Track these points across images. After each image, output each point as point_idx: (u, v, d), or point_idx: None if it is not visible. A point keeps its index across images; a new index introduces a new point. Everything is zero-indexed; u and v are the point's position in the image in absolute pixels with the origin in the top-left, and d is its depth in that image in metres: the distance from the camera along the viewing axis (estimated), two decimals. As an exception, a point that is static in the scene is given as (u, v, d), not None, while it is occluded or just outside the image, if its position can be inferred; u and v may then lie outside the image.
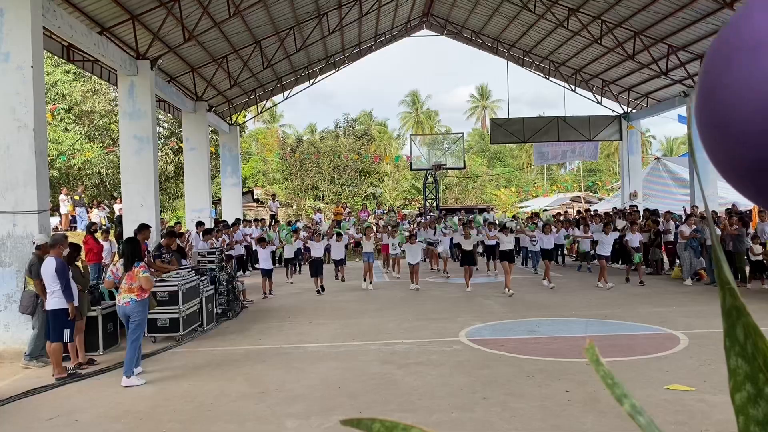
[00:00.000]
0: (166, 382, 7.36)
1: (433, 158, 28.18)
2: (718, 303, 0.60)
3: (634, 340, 8.91)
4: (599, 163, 50.98)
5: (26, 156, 9.08)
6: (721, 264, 0.58)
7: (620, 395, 0.64)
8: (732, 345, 0.57)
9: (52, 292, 7.65)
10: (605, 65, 22.61)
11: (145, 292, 7.58)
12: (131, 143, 14.01)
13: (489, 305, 12.03)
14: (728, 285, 0.57)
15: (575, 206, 34.58)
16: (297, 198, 38.84)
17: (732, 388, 0.58)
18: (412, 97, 59.47)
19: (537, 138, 26.20)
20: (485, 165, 51.31)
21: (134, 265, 7.54)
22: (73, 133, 26.83)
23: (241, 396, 6.68)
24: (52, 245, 8.00)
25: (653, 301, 11.92)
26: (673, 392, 6.25)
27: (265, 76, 22.65)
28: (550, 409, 5.86)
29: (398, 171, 41.97)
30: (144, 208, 13.83)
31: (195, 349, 9.21)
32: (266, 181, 41.96)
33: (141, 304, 7.54)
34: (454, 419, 5.74)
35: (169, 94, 17.50)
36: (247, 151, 41.95)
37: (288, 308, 12.50)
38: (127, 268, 7.57)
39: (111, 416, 6.16)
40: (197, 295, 10.52)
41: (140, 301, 7.53)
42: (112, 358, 8.71)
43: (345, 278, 16.16)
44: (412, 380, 7.09)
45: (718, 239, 0.62)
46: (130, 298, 7.48)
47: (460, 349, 8.56)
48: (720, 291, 0.59)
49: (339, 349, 8.76)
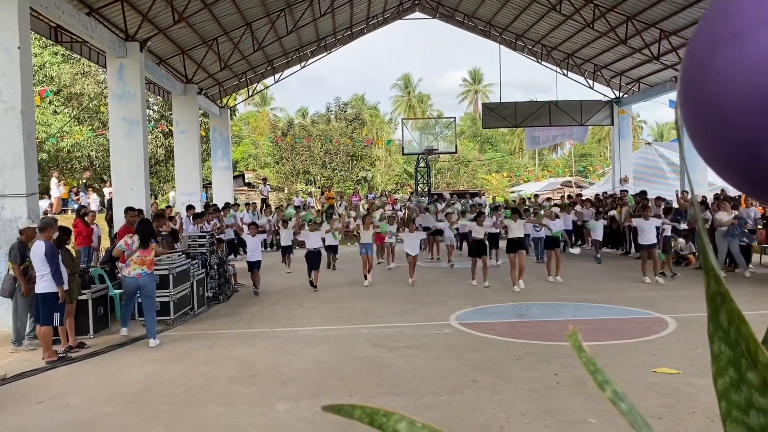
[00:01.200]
0: (157, 366, 7.37)
1: (425, 142, 28.14)
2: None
3: (623, 323, 8.99)
4: (590, 148, 51.11)
5: (14, 138, 8.99)
6: (706, 250, 0.58)
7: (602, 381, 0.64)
8: (715, 330, 0.58)
9: (42, 276, 7.62)
10: (597, 50, 22.58)
11: (153, 265, 8.69)
12: (121, 126, 13.89)
13: (480, 289, 12.09)
14: (713, 271, 0.57)
15: (566, 191, 34.71)
16: (288, 182, 38.73)
17: (715, 374, 0.59)
18: (404, 80, 59.26)
19: (529, 122, 26.19)
20: (477, 150, 51.31)
21: (152, 241, 8.67)
22: (62, 115, 26.55)
23: (233, 379, 6.70)
24: (42, 229, 7.95)
25: (642, 286, 12.01)
26: (660, 375, 6.32)
27: (255, 58, 22.46)
28: (538, 392, 5.91)
29: (390, 155, 41.92)
30: (134, 192, 13.75)
31: (186, 333, 9.22)
32: (257, 165, 41.79)
33: (152, 277, 8.64)
34: (444, 402, 5.79)
35: (158, 77, 17.34)
36: (237, 135, 41.70)
37: (279, 292, 12.52)
38: (144, 244, 8.52)
39: (101, 399, 6.17)
40: (188, 279, 10.50)
41: (151, 274, 8.62)
42: (103, 341, 8.70)
43: (336, 267, 15.77)
44: (403, 363, 7.14)
45: (704, 225, 0.62)
46: (142, 270, 8.46)
47: (450, 332, 8.61)
48: (705, 277, 0.59)
49: (330, 333, 8.79)
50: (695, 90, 0.57)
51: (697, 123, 0.58)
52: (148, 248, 8.56)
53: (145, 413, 5.70)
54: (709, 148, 0.58)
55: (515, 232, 12.06)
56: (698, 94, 0.56)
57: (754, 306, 9.47)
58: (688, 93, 0.58)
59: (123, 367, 7.40)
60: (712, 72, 0.54)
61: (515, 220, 12.23)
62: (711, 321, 0.58)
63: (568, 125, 26.35)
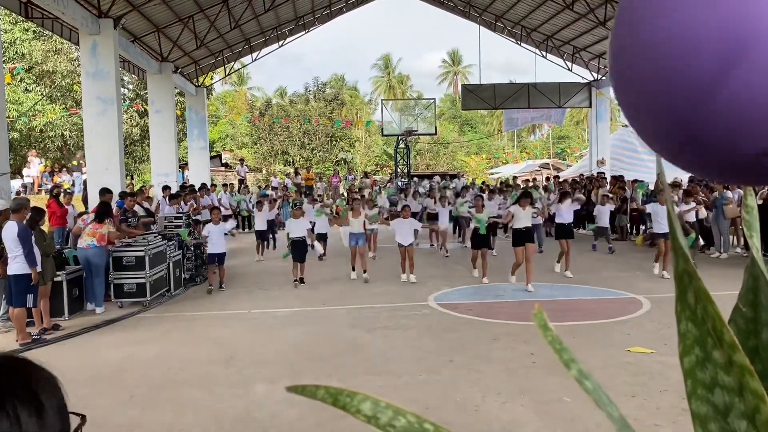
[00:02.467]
0: (134, 348, 7.32)
1: (404, 124, 28.09)
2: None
3: (598, 304, 9.12)
4: (568, 130, 51.40)
5: (-17, 117, 8.78)
6: (674, 229, 0.58)
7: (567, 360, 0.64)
8: (683, 309, 0.58)
9: (14, 257, 7.49)
10: (577, 32, 22.61)
11: (104, 240, 9.15)
12: (94, 104, 13.64)
13: (458, 270, 12.16)
14: (681, 250, 0.57)
15: (544, 173, 34.93)
16: (266, 163, 38.44)
17: (681, 352, 0.59)
18: (384, 60, 58.87)
19: (508, 104, 26.25)
20: (457, 131, 51.32)
21: (105, 220, 9.26)
22: (33, 93, 25.97)
23: (210, 361, 6.68)
24: (15, 209, 7.80)
25: (618, 266, 12.17)
26: (634, 354, 6.43)
27: (232, 37, 22.13)
28: (515, 371, 5.99)
29: (369, 136, 41.77)
30: (108, 172, 13.55)
31: (162, 314, 9.16)
32: (234, 146, 41.38)
33: (100, 251, 9.12)
34: (421, 381, 5.84)
35: (133, 55, 17.01)
36: (214, 114, 41.20)
37: (257, 273, 12.47)
38: (98, 218, 9.18)
39: (77, 381, 6.10)
40: (165, 260, 10.41)
41: (99, 247, 9.09)
42: (78, 323, 8.61)
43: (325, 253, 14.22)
44: (381, 344, 7.17)
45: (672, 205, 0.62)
46: (91, 241, 9.03)
47: (428, 313, 8.67)
48: (673, 256, 0.59)
49: (308, 314, 8.80)
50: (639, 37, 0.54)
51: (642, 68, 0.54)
52: (101, 223, 9.18)
53: (122, 395, 5.67)
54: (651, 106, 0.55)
55: (522, 221, 10.03)
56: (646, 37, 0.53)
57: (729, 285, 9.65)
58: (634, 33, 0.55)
59: (99, 349, 7.34)
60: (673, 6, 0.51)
61: (524, 206, 10.09)
62: (678, 300, 0.58)
63: (547, 107, 26.46)
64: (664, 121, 0.54)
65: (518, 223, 10.04)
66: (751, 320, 0.64)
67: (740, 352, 0.52)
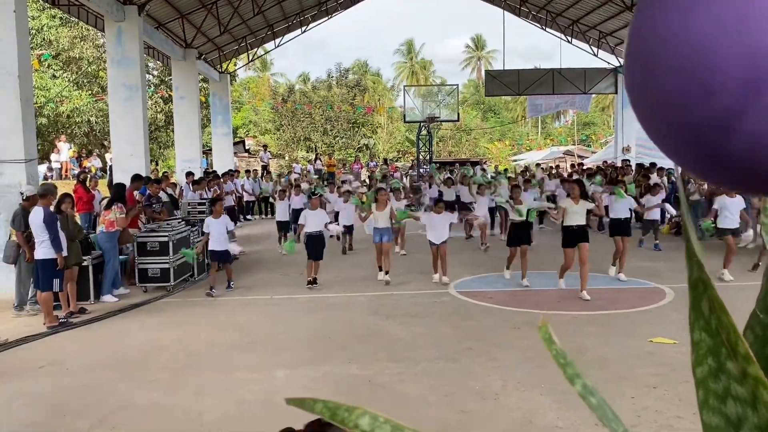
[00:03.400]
0: (157, 331, 7.43)
1: (427, 110, 27.92)
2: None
3: (621, 293, 9.03)
4: (593, 117, 50.71)
5: (11, 104, 8.92)
6: (689, 236, 0.56)
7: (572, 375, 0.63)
8: (696, 319, 0.56)
9: (41, 242, 7.63)
10: (603, 16, 22.22)
11: (112, 226, 9.17)
12: (120, 91, 13.79)
13: (478, 257, 12.11)
14: (695, 258, 0.55)
15: (568, 160, 34.57)
16: (289, 149, 38.58)
17: (694, 362, 0.58)
18: (407, 45, 58.50)
19: (532, 90, 25.95)
20: (479, 118, 50.93)
21: (114, 204, 9.28)
22: (60, 80, 26.32)
23: (232, 346, 6.76)
24: (42, 195, 7.94)
25: (642, 255, 12.02)
26: (656, 345, 6.37)
27: (255, 23, 22.16)
28: (533, 359, 5.96)
29: (392, 123, 41.67)
30: (134, 157, 13.71)
31: (185, 299, 9.28)
32: (257, 132, 41.57)
33: (107, 236, 9.17)
34: (439, 369, 5.84)
35: (157, 41, 17.13)
36: (238, 101, 41.38)
37: (279, 259, 12.54)
38: (107, 206, 9.34)
39: (102, 364, 6.23)
40: (188, 246, 10.51)
41: (107, 233, 9.15)
42: (103, 307, 8.76)
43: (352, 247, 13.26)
44: (400, 331, 7.19)
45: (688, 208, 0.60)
46: (101, 228, 9.22)
47: (448, 300, 8.66)
48: (687, 263, 0.57)
49: (328, 301, 8.84)
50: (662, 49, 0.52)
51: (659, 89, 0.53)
52: (109, 209, 9.32)
53: (145, 378, 5.77)
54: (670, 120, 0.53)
55: (575, 218, 8.72)
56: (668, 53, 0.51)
57: (752, 277, 9.49)
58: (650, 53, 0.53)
59: (123, 333, 7.47)
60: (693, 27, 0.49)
61: (576, 200, 8.75)
62: (692, 309, 0.57)
63: (572, 93, 26.12)
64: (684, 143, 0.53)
65: (570, 220, 8.73)
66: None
67: (755, 365, 0.50)
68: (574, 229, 8.70)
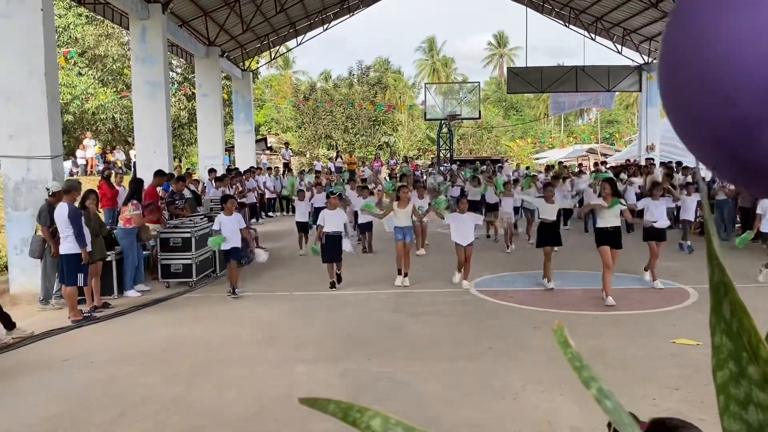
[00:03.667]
0: (179, 327, 7.51)
1: (448, 108, 27.83)
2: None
3: (644, 293, 8.92)
4: (617, 115, 50.14)
5: (38, 101, 9.06)
6: (711, 238, 0.56)
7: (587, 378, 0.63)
8: (717, 322, 0.55)
9: (66, 237, 7.75)
10: (627, 13, 21.95)
11: (129, 223, 9.29)
12: (143, 88, 13.94)
13: (499, 257, 12.05)
14: (716, 260, 0.54)
15: (591, 158, 34.22)
16: (310, 147, 38.70)
17: (714, 366, 0.57)
18: (429, 43, 58.34)
19: (555, 88, 25.74)
20: (501, 115, 50.62)
21: (130, 201, 9.45)
22: (86, 77, 26.70)
23: (253, 341, 6.81)
24: (66, 191, 8.07)
25: (666, 255, 11.81)
26: (679, 346, 6.28)
27: (278, 20, 22.25)
28: (555, 360, 5.91)
29: (412, 120, 41.59)
30: (157, 155, 13.85)
31: (208, 295, 9.37)
32: (279, 129, 41.77)
33: (124, 232, 9.33)
34: (460, 368, 5.83)
35: (181, 39, 17.28)
36: (260, 98, 41.60)
37: (299, 256, 12.59)
38: (124, 202, 9.54)
39: (125, 358, 6.32)
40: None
41: (124, 230, 9.32)
42: (126, 302, 8.88)
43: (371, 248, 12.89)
44: (421, 329, 7.19)
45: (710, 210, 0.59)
46: (119, 226, 9.40)
47: (469, 299, 8.63)
48: (708, 265, 0.56)
49: (349, 297, 8.86)
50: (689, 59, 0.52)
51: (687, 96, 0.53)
52: (125, 206, 9.55)
53: (167, 372, 5.83)
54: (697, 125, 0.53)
55: (609, 220, 8.16)
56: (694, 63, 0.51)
57: None
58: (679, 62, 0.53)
59: (146, 327, 7.56)
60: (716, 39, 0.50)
61: (608, 200, 8.18)
62: (713, 312, 0.56)
63: (595, 91, 25.85)
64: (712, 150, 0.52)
65: (604, 222, 8.20)
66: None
67: (777, 369, 0.49)
68: (608, 231, 8.13)
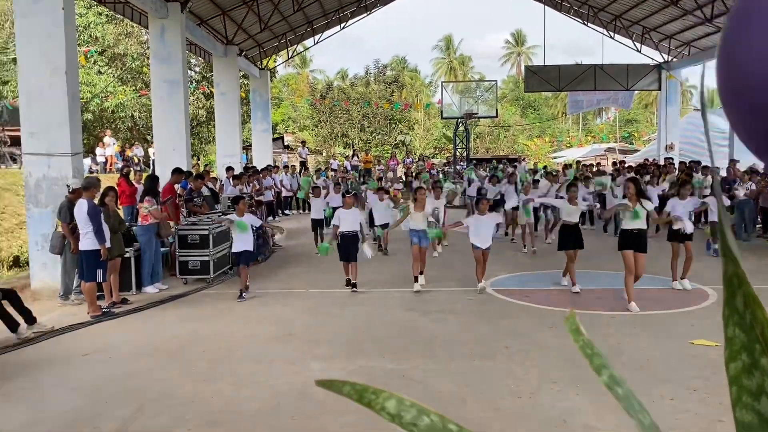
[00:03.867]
0: (197, 323, 7.58)
1: (464, 106, 27.74)
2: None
3: (663, 294, 8.84)
4: (636, 114, 49.68)
5: (59, 99, 9.17)
6: (724, 231, 0.56)
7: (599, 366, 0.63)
8: (731, 314, 0.56)
9: (85, 234, 7.85)
10: (646, 11, 21.74)
11: (146, 219, 9.47)
12: (162, 87, 14.06)
13: (515, 256, 12.01)
14: (730, 253, 0.55)
15: (610, 157, 33.94)
16: (327, 145, 38.81)
17: (727, 358, 0.57)
18: (445, 41, 58.20)
19: (573, 86, 25.57)
20: (518, 114, 50.37)
21: (146, 197, 9.63)
22: (106, 75, 27.00)
23: (269, 338, 6.85)
24: (85, 188, 8.17)
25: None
26: (697, 347, 6.23)
27: (295, 19, 22.33)
28: (571, 360, 5.88)
29: (429, 119, 41.52)
30: (176, 153, 13.97)
31: (225, 291, 9.43)
32: (296, 128, 41.92)
33: (142, 229, 9.52)
34: (475, 366, 5.82)
35: (199, 38, 17.41)
36: (277, 97, 41.78)
37: (315, 254, 12.60)
38: (140, 199, 9.81)
39: (143, 353, 6.39)
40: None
41: (142, 226, 9.52)
42: (145, 298, 8.97)
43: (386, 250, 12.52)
44: (435, 327, 7.18)
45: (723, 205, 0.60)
46: (138, 222, 9.62)
47: (484, 298, 8.61)
48: (722, 258, 0.57)
49: (364, 296, 8.88)
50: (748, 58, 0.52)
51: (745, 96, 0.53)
52: (141, 202, 9.75)
53: (184, 368, 5.89)
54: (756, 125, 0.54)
55: (633, 221, 7.84)
56: (753, 62, 0.52)
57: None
58: (738, 60, 0.54)
59: (164, 323, 7.64)
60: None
61: (633, 200, 7.81)
62: (727, 304, 0.56)
63: (614, 90, 25.64)
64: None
65: (627, 224, 7.91)
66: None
67: (789, 361, 0.50)
68: (632, 233, 7.80)
